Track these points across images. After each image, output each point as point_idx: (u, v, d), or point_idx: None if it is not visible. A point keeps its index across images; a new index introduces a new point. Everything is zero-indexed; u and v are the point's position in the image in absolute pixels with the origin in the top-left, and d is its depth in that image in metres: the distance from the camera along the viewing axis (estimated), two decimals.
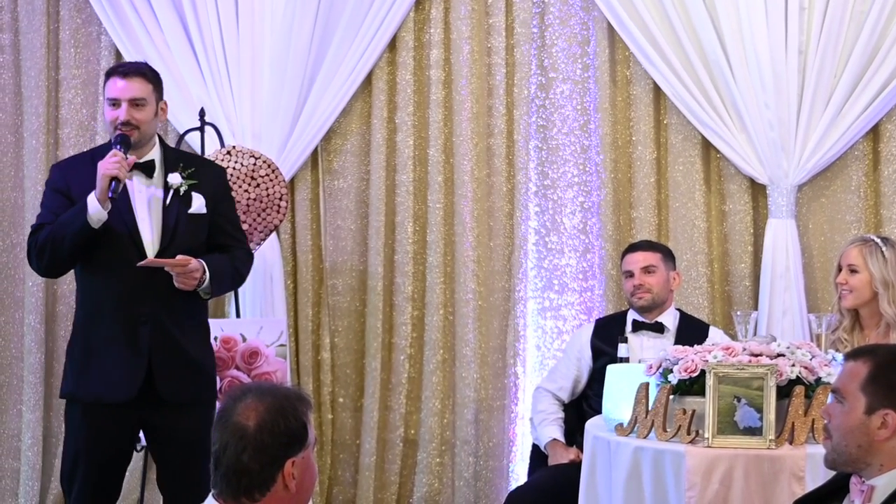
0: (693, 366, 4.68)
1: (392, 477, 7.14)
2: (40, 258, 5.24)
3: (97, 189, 5.09)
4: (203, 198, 5.32)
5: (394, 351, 7.16)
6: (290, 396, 3.34)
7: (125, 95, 5.21)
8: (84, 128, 7.35)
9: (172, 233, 5.24)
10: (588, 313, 7.04)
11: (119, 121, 5.20)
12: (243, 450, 3.24)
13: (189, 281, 5.19)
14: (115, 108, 5.22)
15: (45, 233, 5.19)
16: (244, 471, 3.24)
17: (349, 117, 7.20)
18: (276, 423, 3.26)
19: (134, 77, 5.24)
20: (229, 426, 3.27)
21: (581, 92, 7.10)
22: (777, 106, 6.69)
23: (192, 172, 5.32)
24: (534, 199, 7.15)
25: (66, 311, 7.30)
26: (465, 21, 7.07)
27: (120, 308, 5.19)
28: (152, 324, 5.20)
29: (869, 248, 5.68)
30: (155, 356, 5.20)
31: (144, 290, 5.18)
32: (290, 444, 3.28)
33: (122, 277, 5.18)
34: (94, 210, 5.07)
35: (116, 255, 5.18)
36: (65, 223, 5.14)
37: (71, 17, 7.34)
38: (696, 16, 6.78)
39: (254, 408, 3.28)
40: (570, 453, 5.99)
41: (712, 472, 4.51)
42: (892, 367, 3.52)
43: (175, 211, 5.27)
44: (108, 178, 5.06)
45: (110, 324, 5.20)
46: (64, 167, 5.45)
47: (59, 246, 5.16)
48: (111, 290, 5.21)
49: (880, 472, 3.50)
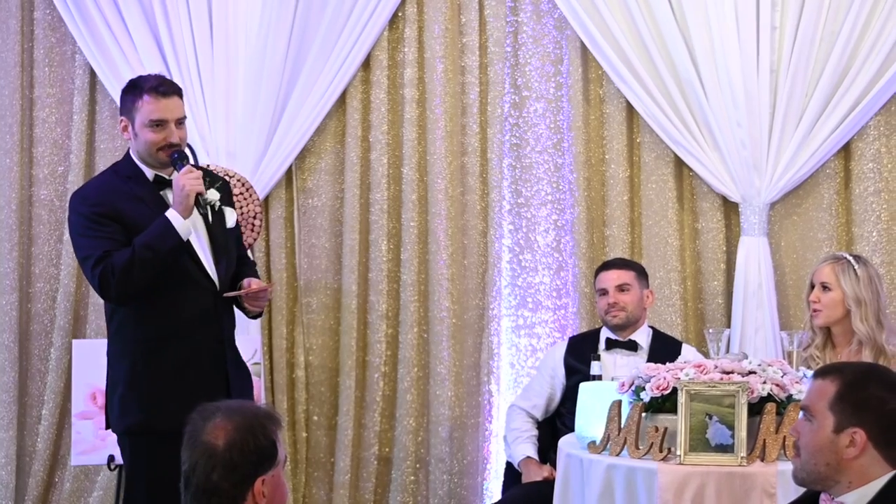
0: (665, 383, 4.70)
1: (366, 495, 7.14)
2: (124, 283, 5.01)
3: (179, 205, 5.00)
4: (234, 211, 5.34)
5: (368, 369, 7.16)
6: (259, 415, 3.34)
7: (172, 116, 5.09)
8: (58, 146, 7.35)
9: (223, 249, 5.22)
10: (562, 331, 7.06)
11: (167, 142, 5.07)
12: (213, 469, 3.24)
13: (262, 304, 5.25)
14: (159, 129, 5.07)
15: (122, 258, 5.00)
16: (214, 490, 3.24)
17: (323, 136, 7.21)
18: (246, 441, 3.26)
19: (173, 96, 5.11)
20: (199, 445, 3.27)
21: (554, 110, 7.12)
22: (749, 124, 6.73)
23: (220, 186, 5.30)
24: (507, 217, 7.17)
25: (40, 329, 7.30)
26: (439, 40, 7.09)
27: (192, 330, 5.12)
28: (227, 343, 5.21)
29: (841, 266, 5.71)
30: (231, 374, 5.20)
31: (213, 311, 5.16)
32: (260, 462, 3.28)
33: (194, 298, 5.13)
34: (181, 226, 5.00)
35: (183, 277, 5.11)
36: (151, 245, 4.99)
37: (45, 35, 7.33)
38: (668, 35, 6.81)
39: (223, 427, 3.27)
40: (543, 471, 5.99)
41: (684, 490, 4.53)
42: (860, 385, 3.53)
43: (219, 228, 5.24)
44: (195, 193, 5.02)
45: (184, 347, 5.10)
46: (99, 192, 5.20)
47: (150, 267, 4.99)
48: (181, 314, 5.11)
49: (849, 489, 3.51)
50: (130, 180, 5.15)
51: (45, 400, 7.25)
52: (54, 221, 7.34)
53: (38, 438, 7.25)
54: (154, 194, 5.15)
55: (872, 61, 6.65)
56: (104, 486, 7.14)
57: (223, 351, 5.19)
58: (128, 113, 5.14)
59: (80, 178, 7.17)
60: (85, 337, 7.21)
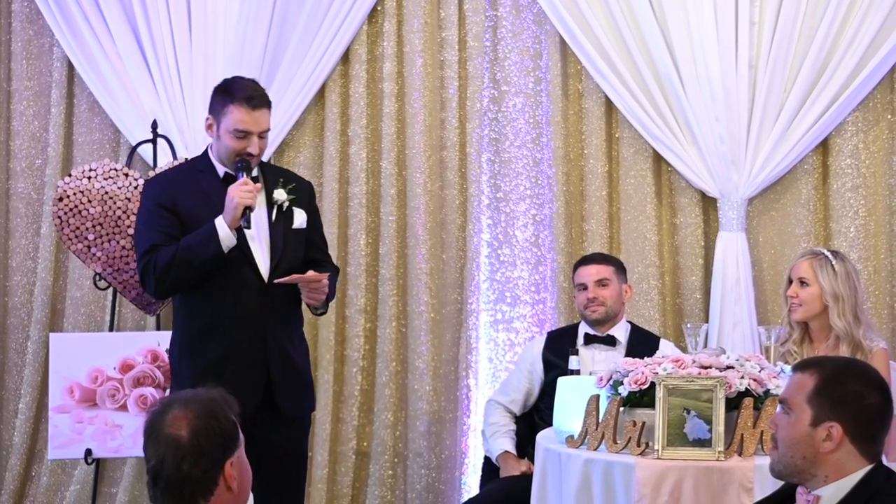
0: (643, 378, 4.70)
1: (344, 489, 7.13)
2: (162, 281, 5.18)
3: (228, 216, 5.09)
4: (304, 213, 5.37)
5: (346, 363, 7.15)
6: (215, 399, 3.34)
7: (257, 129, 5.20)
8: (36, 139, 7.33)
9: (282, 250, 5.27)
10: (540, 326, 7.06)
11: (246, 152, 5.19)
12: (182, 459, 3.22)
13: (319, 295, 5.26)
14: (242, 139, 5.18)
15: (165, 255, 5.14)
16: (186, 479, 3.23)
17: (302, 130, 7.20)
18: (210, 426, 3.26)
19: (262, 108, 5.23)
20: (162, 439, 3.24)
21: (533, 105, 7.13)
22: (727, 120, 6.74)
23: (293, 188, 5.34)
24: (486, 211, 7.17)
25: (17, 322, 7.30)
26: (418, 34, 7.08)
27: (237, 326, 5.21)
28: (269, 339, 5.24)
29: (819, 262, 5.71)
30: (273, 371, 5.23)
31: (261, 307, 5.22)
32: (226, 444, 3.28)
33: (237, 296, 5.20)
34: (225, 236, 5.09)
35: (232, 274, 5.18)
36: (193, 248, 5.11)
37: (23, 28, 7.31)
38: (647, 30, 6.82)
39: (182, 416, 3.26)
40: (521, 465, 5.98)
41: (662, 484, 4.53)
42: (839, 379, 3.55)
43: (281, 228, 5.30)
44: (243, 207, 5.07)
45: (227, 342, 5.20)
46: (164, 183, 5.38)
47: (187, 270, 5.13)
48: (227, 310, 5.21)
49: (825, 483, 3.52)
50: (202, 174, 5.27)
51: (21, 394, 7.23)
52: (31, 215, 7.32)
53: (15, 432, 7.23)
54: (221, 189, 5.22)
55: (850, 57, 6.67)
56: (81, 480, 7.13)
57: (264, 350, 5.23)
58: (215, 115, 5.28)
59: (58, 171, 7.16)
60: (62, 330, 7.20)
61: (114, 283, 6.51)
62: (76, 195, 6.38)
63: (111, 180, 6.45)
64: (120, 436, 6.48)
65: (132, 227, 6.39)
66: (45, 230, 7.22)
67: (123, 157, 7.12)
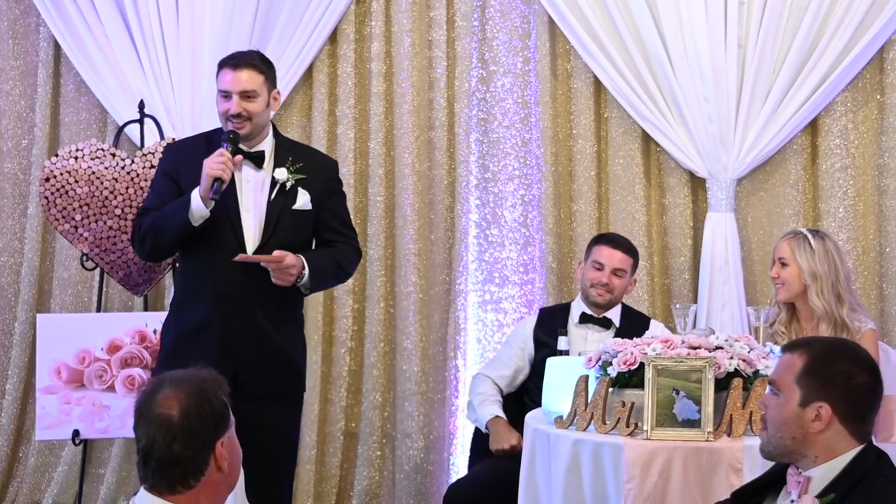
0: (632, 358, 4.70)
1: (333, 470, 7.13)
2: (142, 245, 5.32)
3: (201, 186, 5.12)
4: (308, 194, 5.35)
5: (334, 344, 7.14)
6: (206, 378, 3.33)
7: (236, 88, 5.23)
8: (22, 119, 7.31)
9: (274, 227, 5.27)
10: (528, 306, 7.06)
11: (230, 113, 5.23)
12: (173, 439, 3.21)
13: (286, 277, 5.23)
14: (226, 99, 5.25)
15: (148, 220, 5.25)
16: (177, 460, 3.22)
17: (290, 110, 7.18)
18: (202, 406, 3.25)
19: (244, 69, 5.26)
20: (152, 419, 3.24)
21: (522, 85, 7.11)
22: (716, 100, 6.73)
23: (301, 167, 5.34)
24: (474, 192, 7.16)
25: (3, 303, 7.34)
26: (406, 14, 7.06)
27: (214, 298, 5.25)
28: (244, 316, 5.24)
29: (797, 241, 5.71)
30: (243, 346, 5.25)
31: (241, 282, 5.23)
32: (217, 425, 3.28)
33: (220, 267, 5.23)
34: (196, 207, 5.12)
35: (217, 245, 5.23)
36: (167, 215, 5.19)
37: (9, 7, 7.29)
38: (636, 10, 6.80)
39: (173, 396, 3.25)
40: (512, 436, 5.88)
41: (651, 465, 4.53)
42: (828, 360, 3.55)
43: (279, 206, 5.30)
44: (212, 178, 5.09)
45: (203, 312, 5.25)
46: (176, 150, 5.50)
47: (160, 237, 5.23)
48: (208, 279, 5.27)
49: (815, 463, 3.53)
50: (211, 145, 5.29)
51: (8, 375, 7.22)
52: (18, 195, 7.30)
53: (2, 413, 7.22)
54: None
55: (840, 37, 6.66)
56: (69, 460, 7.12)
57: (239, 325, 5.25)
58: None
59: (45, 151, 7.14)
60: (49, 311, 7.19)
61: (101, 263, 6.49)
62: (63, 175, 6.36)
63: (98, 160, 6.43)
64: (107, 416, 6.46)
65: (119, 207, 6.39)
66: (32, 211, 7.20)
67: (110, 137, 7.10)
